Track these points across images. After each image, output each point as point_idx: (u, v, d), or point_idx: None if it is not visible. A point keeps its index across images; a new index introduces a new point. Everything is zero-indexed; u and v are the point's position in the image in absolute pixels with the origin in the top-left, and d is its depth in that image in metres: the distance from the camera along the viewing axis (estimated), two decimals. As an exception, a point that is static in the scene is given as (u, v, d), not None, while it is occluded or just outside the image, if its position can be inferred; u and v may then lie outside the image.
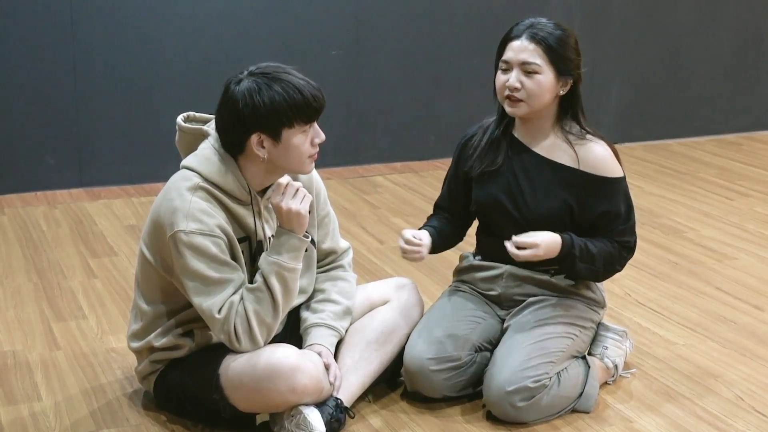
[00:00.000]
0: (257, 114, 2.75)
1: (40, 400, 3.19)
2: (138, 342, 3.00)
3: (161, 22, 5.43)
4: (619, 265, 3.15)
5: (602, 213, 3.08)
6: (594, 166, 3.07)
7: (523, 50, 3.03)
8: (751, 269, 4.34)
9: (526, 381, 2.96)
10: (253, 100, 2.75)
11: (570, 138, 3.10)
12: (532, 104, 3.05)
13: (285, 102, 2.75)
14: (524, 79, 3.03)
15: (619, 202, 3.09)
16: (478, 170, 3.18)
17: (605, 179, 3.07)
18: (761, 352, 3.53)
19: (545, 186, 3.10)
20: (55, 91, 5.33)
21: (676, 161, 6.15)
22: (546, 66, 3.02)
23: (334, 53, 5.79)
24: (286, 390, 2.80)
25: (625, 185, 3.13)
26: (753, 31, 6.73)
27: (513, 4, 6.02)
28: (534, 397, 2.97)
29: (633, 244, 3.15)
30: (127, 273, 4.22)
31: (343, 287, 3.13)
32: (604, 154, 3.09)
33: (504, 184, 3.14)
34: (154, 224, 2.85)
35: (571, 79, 3.06)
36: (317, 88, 2.81)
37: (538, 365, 3.00)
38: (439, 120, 6.06)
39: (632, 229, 3.14)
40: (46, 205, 5.21)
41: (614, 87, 6.43)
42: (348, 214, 5.07)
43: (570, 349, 3.11)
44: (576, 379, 3.09)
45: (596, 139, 3.11)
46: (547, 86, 3.03)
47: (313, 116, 2.81)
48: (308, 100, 2.77)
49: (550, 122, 3.12)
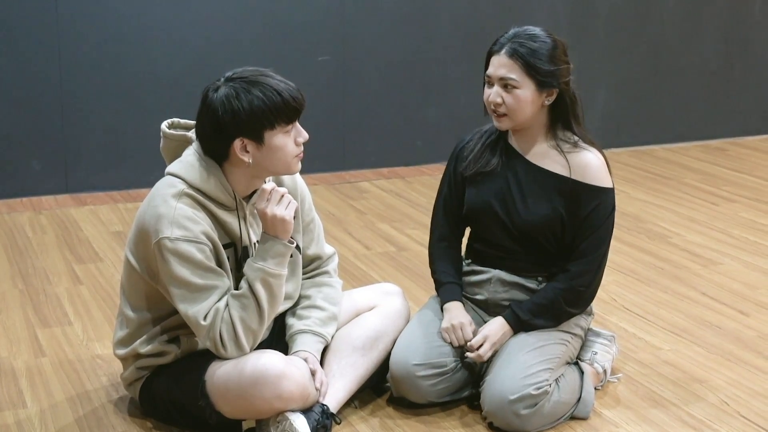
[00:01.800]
0: (238, 120, 2.75)
1: (25, 407, 3.18)
2: (124, 349, 2.99)
3: (147, 28, 5.43)
4: (584, 288, 3.11)
5: (583, 221, 3.08)
6: (584, 174, 3.08)
7: (502, 66, 3.02)
8: (736, 274, 4.35)
9: (528, 389, 2.95)
10: (233, 106, 2.75)
11: (561, 146, 3.10)
12: (514, 118, 3.05)
13: (264, 105, 2.75)
14: (504, 95, 3.03)
15: (602, 216, 3.08)
16: (472, 170, 3.18)
17: (593, 187, 3.07)
18: (746, 357, 3.54)
19: (536, 193, 3.10)
20: (41, 96, 5.32)
21: (661, 167, 6.17)
22: (524, 80, 3.00)
23: (321, 59, 5.79)
24: (272, 396, 2.80)
25: (612, 198, 3.11)
26: (738, 37, 6.75)
27: (499, 9, 6.03)
28: (537, 404, 2.96)
29: (601, 251, 3.10)
30: (113, 279, 4.21)
31: (328, 293, 3.13)
32: (595, 162, 3.09)
33: (496, 188, 3.14)
34: (139, 231, 2.84)
35: (555, 89, 3.06)
36: (296, 89, 2.81)
37: (538, 372, 2.99)
38: (426, 126, 6.07)
39: (603, 236, 3.10)
40: (32, 211, 5.19)
41: (600, 93, 6.45)
42: (334, 220, 5.07)
43: (565, 355, 3.12)
44: (573, 385, 3.09)
45: (589, 147, 3.11)
46: (527, 100, 3.02)
47: (293, 116, 2.80)
48: (287, 101, 2.77)
49: (541, 130, 3.12)
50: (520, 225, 3.11)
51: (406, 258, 4.55)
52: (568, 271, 3.09)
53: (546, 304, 3.09)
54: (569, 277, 3.09)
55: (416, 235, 4.79)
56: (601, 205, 3.08)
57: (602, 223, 3.09)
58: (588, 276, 3.11)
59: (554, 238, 3.11)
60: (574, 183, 3.07)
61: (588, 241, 3.08)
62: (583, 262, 3.09)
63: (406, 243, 4.74)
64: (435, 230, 3.31)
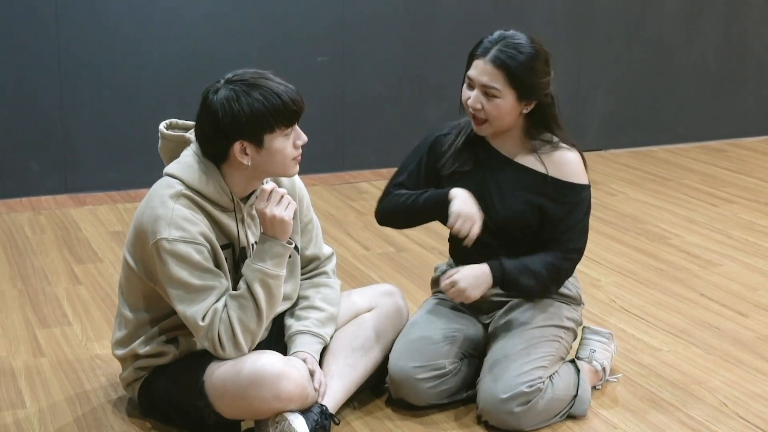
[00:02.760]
0: (238, 122, 2.75)
1: (24, 407, 3.18)
2: (122, 349, 2.99)
3: (146, 28, 5.43)
4: (565, 272, 3.12)
5: (561, 218, 3.08)
6: (560, 171, 3.08)
7: (485, 73, 3.00)
8: (736, 276, 4.35)
9: (521, 386, 2.96)
10: (233, 108, 2.74)
11: (539, 146, 3.10)
12: (494, 125, 3.05)
13: (264, 108, 2.75)
14: (484, 101, 3.02)
15: (579, 211, 3.08)
16: (450, 169, 3.17)
17: (570, 184, 3.07)
18: (745, 359, 3.54)
19: (513, 189, 3.10)
20: (40, 96, 5.32)
21: (660, 168, 6.17)
22: (506, 90, 2.99)
23: (321, 59, 5.79)
24: (271, 397, 2.80)
25: (588, 194, 3.12)
26: (737, 38, 6.76)
27: (498, 10, 6.03)
28: (530, 402, 2.96)
29: (580, 246, 3.11)
30: (112, 279, 4.21)
31: (327, 294, 3.13)
32: (572, 159, 3.09)
33: (474, 186, 3.12)
34: (137, 232, 2.85)
35: (534, 100, 3.05)
36: (296, 91, 2.81)
37: (531, 370, 3.00)
38: (425, 126, 6.01)
39: (580, 232, 3.11)
40: (31, 211, 5.19)
41: (599, 94, 6.45)
42: (334, 221, 5.07)
43: (558, 352, 3.12)
44: (568, 382, 3.09)
45: (566, 146, 3.11)
46: (507, 109, 3.02)
47: (293, 119, 2.80)
48: (287, 104, 2.77)
49: (520, 132, 3.12)
50: (498, 221, 3.10)
51: (405, 259, 4.55)
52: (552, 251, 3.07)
53: (541, 257, 3.06)
54: (555, 254, 3.07)
55: (415, 235, 4.79)
56: (580, 203, 3.09)
57: (581, 218, 3.09)
58: (570, 261, 3.10)
59: (531, 233, 3.10)
60: (553, 180, 3.07)
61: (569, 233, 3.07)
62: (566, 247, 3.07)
63: (405, 244, 4.74)
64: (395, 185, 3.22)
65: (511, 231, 3.11)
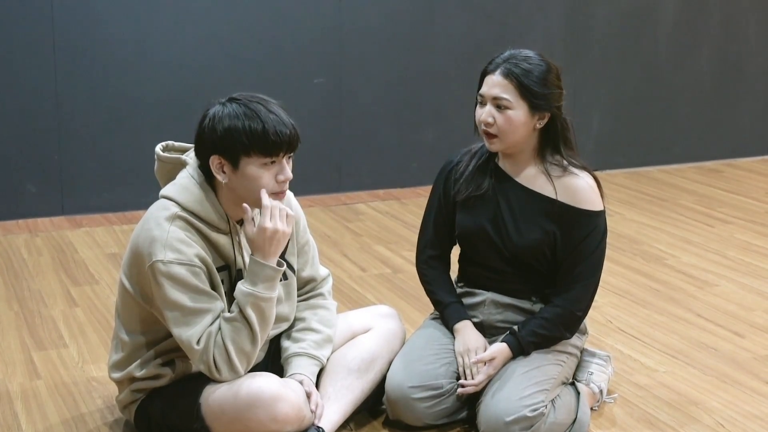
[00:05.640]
0: (214, 135, 2.77)
1: (20, 430, 3.17)
2: (119, 372, 2.99)
3: (143, 51, 5.44)
4: (578, 320, 3.14)
5: (577, 246, 3.08)
6: (572, 197, 3.08)
7: (496, 85, 3.03)
8: (732, 296, 4.35)
9: (524, 410, 2.94)
10: (214, 121, 2.78)
11: (550, 169, 3.11)
12: (505, 140, 3.05)
13: (242, 128, 2.75)
14: (496, 114, 3.03)
15: (592, 240, 3.08)
16: (464, 194, 3.18)
17: (582, 211, 3.08)
18: (742, 379, 3.54)
19: (526, 216, 3.11)
20: (37, 119, 5.33)
21: (656, 188, 6.18)
22: (518, 101, 3.01)
23: (317, 81, 5.81)
24: (268, 419, 2.79)
25: (603, 221, 3.11)
26: (732, 59, 6.78)
27: (495, 32, 6.05)
28: (533, 426, 2.95)
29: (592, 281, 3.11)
30: (109, 301, 4.21)
31: (323, 315, 3.13)
32: (583, 185, 3.09)
33: (489, 212, 3.14)
34: (133, 254, 2.85)
35: (547, 113, 3.07)
36: (287, 125, 2.78)
37: (534, 394, 2.99)
38: (422, 147, 6.08)
39: (593, 266, 3.10)
40: (28, 233, 5.20)
41: (595, 114, 6.47)
42: (330, 242, 5.07)
43: (560, 376, 3.11)
44: (569, 406, 3.09)
45: (579, 171, 3.11)
46: (519, 122, 3.03)
47: (271, 150, 2.77)
48: (266, 132, 2.75)
49: (531, 154, 3.13)
50: (513, 249, 3.11)
51: (402, 280, 4.55)
52: (565, 295, 3.09)
53: (547, 335, 3.10)
54: (568, 302, 3.09)
55: (412, 256, 4.76)
56: (594, 230, 3.08)
57: (596, 247, 3.09)
58: (585, 301, 3.12)
59: (546, 260, 3.11)
60: (562, 206, 3.08)
61: (583, 265, 3.08)
62: (579, 287, 3.09)
63: (401, 265, 4.74)
64: (425, 249, 3.30)
65: (527, 259, 3.11)
